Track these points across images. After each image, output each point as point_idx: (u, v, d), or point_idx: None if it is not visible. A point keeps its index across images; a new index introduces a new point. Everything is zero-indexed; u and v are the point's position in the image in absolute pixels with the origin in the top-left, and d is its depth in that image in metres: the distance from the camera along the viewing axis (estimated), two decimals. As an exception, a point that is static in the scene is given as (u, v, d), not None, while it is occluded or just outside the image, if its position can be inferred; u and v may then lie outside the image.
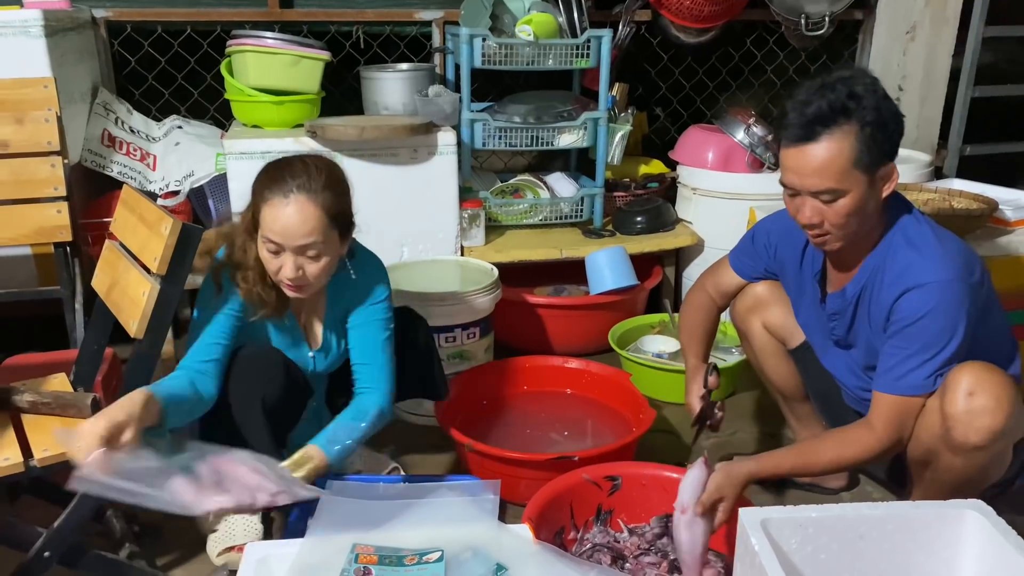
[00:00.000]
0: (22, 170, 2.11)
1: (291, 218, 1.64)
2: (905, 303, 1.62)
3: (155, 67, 3.09)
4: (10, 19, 2.44)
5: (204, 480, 1.40)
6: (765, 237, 1.95)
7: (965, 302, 1.59)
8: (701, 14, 3.21)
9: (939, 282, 1.59)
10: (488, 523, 1.56)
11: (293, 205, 1.64)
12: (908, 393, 1.63)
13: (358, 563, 1.42)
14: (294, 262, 1.67)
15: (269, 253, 1.69)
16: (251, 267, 1.74)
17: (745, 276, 2.02)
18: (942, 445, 1.62)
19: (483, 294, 2.51)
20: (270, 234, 1.66)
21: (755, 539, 1.34)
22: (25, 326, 2.69)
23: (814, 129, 1.56)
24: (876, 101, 1.57)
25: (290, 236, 1.65)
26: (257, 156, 2.66)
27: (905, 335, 1.62)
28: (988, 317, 1.68)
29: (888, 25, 3.59)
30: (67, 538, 1.54)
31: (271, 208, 1.65)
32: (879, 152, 1.58)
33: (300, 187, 1.65)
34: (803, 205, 1.64)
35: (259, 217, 1.67)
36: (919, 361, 1.61)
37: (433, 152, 2.77)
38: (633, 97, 3.49)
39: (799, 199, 1.64)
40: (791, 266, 1.91)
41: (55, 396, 1.62)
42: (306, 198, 1.64)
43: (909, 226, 1.69)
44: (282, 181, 1.65)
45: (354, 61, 3.19)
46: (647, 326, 2.94)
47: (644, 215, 3.14)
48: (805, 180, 1.60)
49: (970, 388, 1.56)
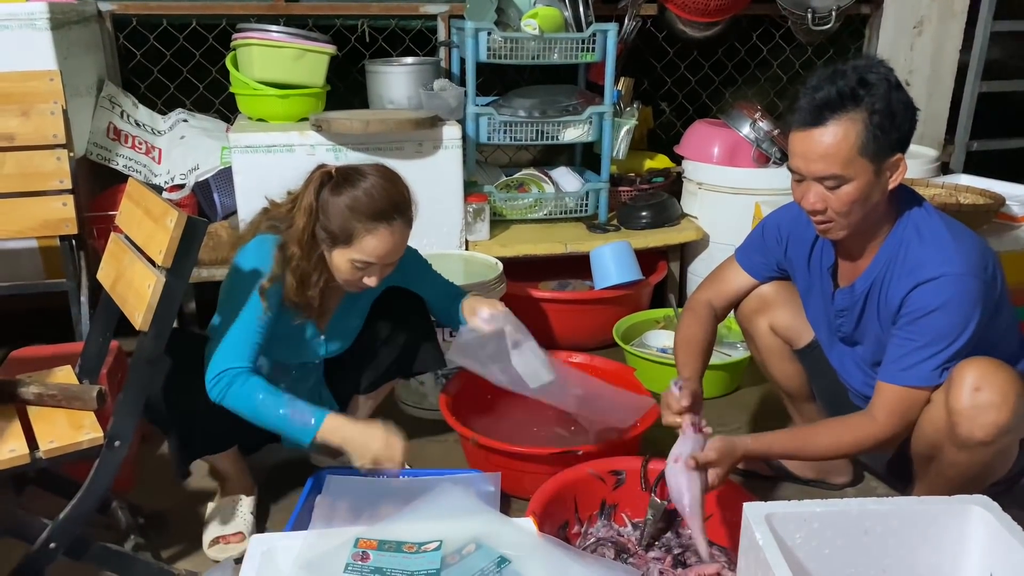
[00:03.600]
0: (28, 163, 2.12)
1: (396, 245, 1.77)
2: (918, 295, 1.61)
3: (160, 60, 3.09)
4: (16, 12, 2.44)
5: None
6: (775, 230, 1.93)
7: (978, 297, 1.58)
8: (707, 8, 3.20)
9: (953, 275, 1.58)
10: (491, 515, 1.56)
11: (398, 234, 1.77)
12: (914, 384, 1.62)
13: (358, 547, 1.44)
14: (380, 275, 1.80)
15: (355, 268, 1.76)
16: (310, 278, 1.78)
17: (756, 274, 1.98)
18: (947, 440, 1.61)
19: (488, 289, 2.50)
20: (369, 257, 1.74)
21: (759, 533, 1.34)
22: (31, 318, 2.70)
23: (822, 114, 1.56)
24: (887, 90, 1.56)
25: (386, 257, 1.77)
26: (262, 150, 2.66)
27: (916, 327, 1.61)
28: (999, 313, 1.67)
29: (895, 19, 3.58)
30: (73, 530, 1.54)
31: (376, 237, 1.73)
32: (886, 141, 1.57)
33: (401, 215, 1.76)
34: (808, 190, 1.64)
35: (355, 240, 1.73)
36: (928, 353, 1.60)
37: (438, 146, 2.77)
38: (638, 91, 3.48)
39: (805, 184, 1.64)
40: (800, 259, 1.89)
41: (61, 388, 1.62)
42: (403, 225, 1.78)
43: (920, 219, 1.68)
44: (391, 211, 1.74)
45: (359, 55, 3.19)
46: (652, 321, 2.93)
47: (649, 210, 3.13)
48: (811, 165, 1.60)
49: (976, 383, 1.55)
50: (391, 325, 2.02)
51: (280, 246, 1.76)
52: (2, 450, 1.47)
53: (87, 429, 1.54)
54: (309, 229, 1.74)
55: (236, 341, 1.69)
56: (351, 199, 1.71)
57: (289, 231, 1.76)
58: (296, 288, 1.76)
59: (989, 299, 1.61)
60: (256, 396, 1.66)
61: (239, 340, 1.69)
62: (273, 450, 2.05)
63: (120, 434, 1.53)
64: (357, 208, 1.71)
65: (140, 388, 1.54)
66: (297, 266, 1.75)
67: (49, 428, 1.55)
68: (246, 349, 1.69)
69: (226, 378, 1.66)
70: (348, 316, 1.96)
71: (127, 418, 1.53)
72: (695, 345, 1.90)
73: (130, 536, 1.81)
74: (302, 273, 1.76)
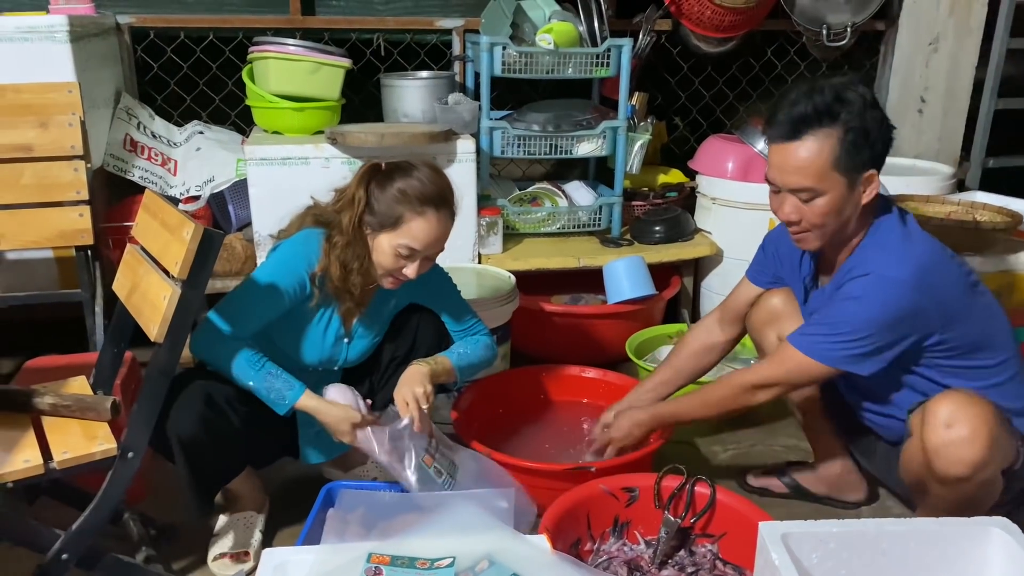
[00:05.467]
0: (46, 174, 2.14)
1: (441, 234, 1.81)
2: (847, 286, 1.69)
3: (177, 73, 3.11)
4: (36, 24, 2.47)
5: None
6: (773, 245, 2.00)
7: (904, 306, 1.61)
8: (722, 24, 3.20)
9: (882, 276, 1.63)
10: (504, 532, 1.55)
11: (444, 223, 1.81)
12: (805, 352, 1.70)
13: (370, 563, 1.43)
14: (418, 268, 1.82)
15: (397, 256, 1.78)
16: (352, 265, 1.81)
17: (760, 284, 2.04)
18: (928, 476, 1.63)
19: (500, 302, 2.50)
20: (413, 242, 1.77)
21: (775, 554, 1.32)
22: (46, 328, 2.71)
23: (798, 128, 1.62)
24: (862, 107, 1.61)
25: (431, 245, 1.80)
26: (277, 162, 2.67)
27: (830, 308, 1.71)
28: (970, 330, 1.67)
29: (911, 36, 3.57)
30: (85, 540, 1.54)
31: (424, 220, 1.77)
32: (860, 158, 1.62)
33: (448, 206, 1.81)
34: (784, 202, 1.70)
35: (403, 223, 1.77)
36: (828, 333, 1.68)
37: (452, 160, 2.78)
38: (653, 106, 3.48)
39: (781, 196, 1.71)
40: (791, 270, 1.94)
41: (75, 399, 1.62)
42: (448, 216, 1.82)
43: (887, 229, 1.72)
44: (439, 199, 1.79)
45: (375, 68, 3.21)
46: (665, 336, 2.92)
47: (662, 224, 3.13)
48: (786, 177, 1.66)
49: (948, 420, 1.56)
50: (409, 343, 2.02)
51: (327, 237, 1.81)
52: (16, 460, 1.47)
53: (101, 440, 1.54)
54: (356, 218, 1.78)
55: (243, 309, 1.77)
56: (404, 183, 1.77)
57: (336, 220, 1.81)
58: (340, 274, 1.80)
59: (928, 314, 1.63)
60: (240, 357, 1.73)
61: (246, 309, 1.77)
62: (286, 465, 2.05)
63: (133, 445, 1.53)
64: (408, 192, 1.76)
65: (154, 400, 1.54)
66: (342, 253, 1.79)
67: (63, 439, 1.55)
68: (249, 322, 1.77)
69: (216, 333, 1.74)
70: (373, 322, 1.96)
71: (141, 429, 1.53)
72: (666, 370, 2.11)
73: (142, 548, 1.81)
74: (346, 259, 1.80)
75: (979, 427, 1.55)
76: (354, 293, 1.85)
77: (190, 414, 1.69)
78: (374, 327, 1.97)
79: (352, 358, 1.97)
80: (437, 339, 2.04)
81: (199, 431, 1.69)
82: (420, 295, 2.00)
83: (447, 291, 2.05)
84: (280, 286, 1.78)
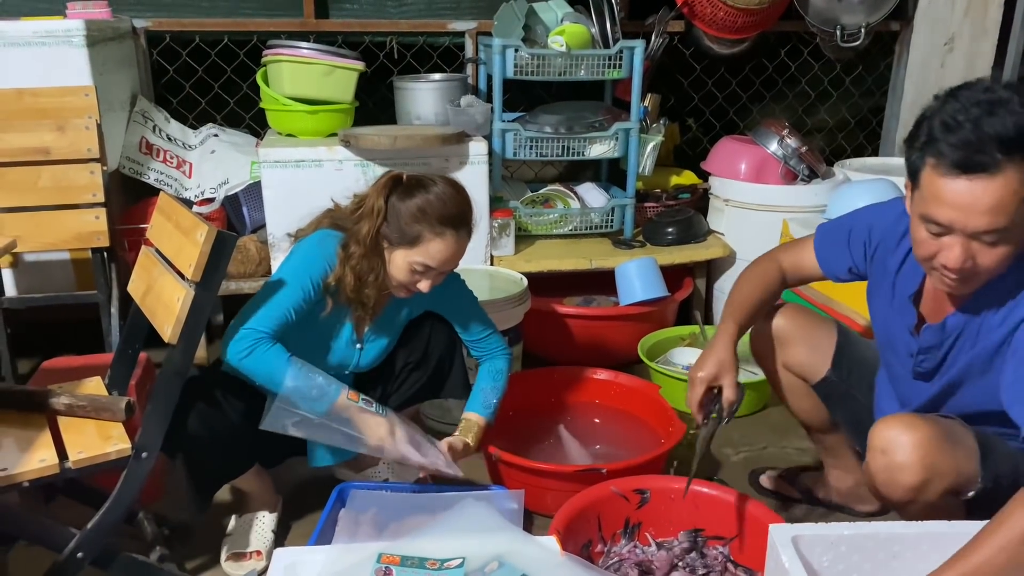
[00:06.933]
0: (62, 176, 2.16)
1: (457, 253, 1.81)
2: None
3: (192, 76, 3.13)
4: (53, 29, 2.49)
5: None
6: (866, 234, 1.70)
7: None
8: (735, 25, 3.19)
9: None
10: (514, 533, 1.55)
11: (462, 242, 1.81)
12: None
13: (380, 563, 1.44)
14: (433, 282, 1.82)
15: (412, 272, 1.79)
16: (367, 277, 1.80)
17: (825, 267, 1.80)
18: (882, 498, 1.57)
19: (512, 304, 2.51)
20: (430, 260, 1.77)
21: (786, 556, 1.32)
22: (62, 329, 2.74)
23: (994, 156, 1.27)
24: None
25: (446, 263, 1.80)
26: (291, 165, 2.69)
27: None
28: None
29: (926, 36, 3.55)
30: (100, 539, 1.56)
31: (442, 241, 1.76)
32: None
33: (466, 225, 1.81)
34: (954, 246, 1.35)
35: (420, 242, 1.76)
36: None
37: (464, 162, 2.79)
38: (665, 108, 3.47)
39: (948, 239, 1.35)
40: (884, 276, 1.67)
41: (90, 400, 1.64)
42: (466, 235, 1.82)
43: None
44: (459, 219, 1.79)
45: (387, 71, 3.22)
46: (677, 338, 2.92)
47: (675, 226, 3.12)
48: (971, 219, 1.31)
49: (883, 446, 1.48)
50: (422, 349, 2.02)
51: (343, 244, 1.80)
52: (32, 460, 1.49)
53: (115, 440, 1.56)
54: (374, 229, 1.77)
55: (271, 311, 1.72)
56: (423, 201, 1.76)
57: (353, 229, 1.79)
58: (354, 285, 1.79)
59: None
60: (280, 360, 1.69)
61: (273, 310, 1.72)
62: (297, 466, 2.06)
63: (148, 445, 1.55)
64: (428, 211, 1.75)
65: (168, 400, 1.55)
66: (357, 264, 1.78)
67: (78, 438, 1.57)
68: (276, 321, 1.72)
69: (251, 337, 1.68)
70: (386, 329, 1.97)
71: (155, 430, 1.55)
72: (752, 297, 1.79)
73: (156, 547, 1.82)
74: (360, 271, 1.79)
75: (912, 453, 1.45)
76: (367, 304, 1.85)
77: (188, 411, 1.69)
78: (387, 334, 1.98)
79: (364, 364, 1.97)
80: (450, 345, 2.04)
81: (197, 428, 1.70)
82: (435, 304, 2.00)
83: (462, 302, 2.03)
84: (304, 283, 1.77)
